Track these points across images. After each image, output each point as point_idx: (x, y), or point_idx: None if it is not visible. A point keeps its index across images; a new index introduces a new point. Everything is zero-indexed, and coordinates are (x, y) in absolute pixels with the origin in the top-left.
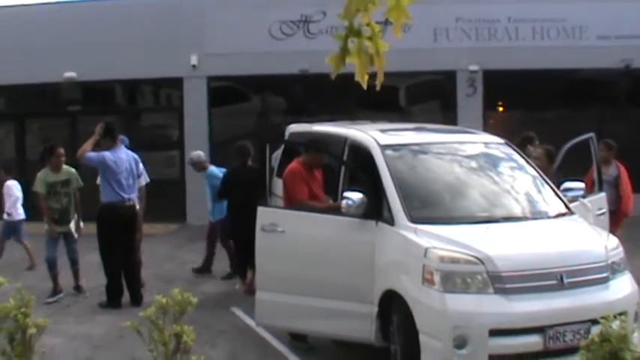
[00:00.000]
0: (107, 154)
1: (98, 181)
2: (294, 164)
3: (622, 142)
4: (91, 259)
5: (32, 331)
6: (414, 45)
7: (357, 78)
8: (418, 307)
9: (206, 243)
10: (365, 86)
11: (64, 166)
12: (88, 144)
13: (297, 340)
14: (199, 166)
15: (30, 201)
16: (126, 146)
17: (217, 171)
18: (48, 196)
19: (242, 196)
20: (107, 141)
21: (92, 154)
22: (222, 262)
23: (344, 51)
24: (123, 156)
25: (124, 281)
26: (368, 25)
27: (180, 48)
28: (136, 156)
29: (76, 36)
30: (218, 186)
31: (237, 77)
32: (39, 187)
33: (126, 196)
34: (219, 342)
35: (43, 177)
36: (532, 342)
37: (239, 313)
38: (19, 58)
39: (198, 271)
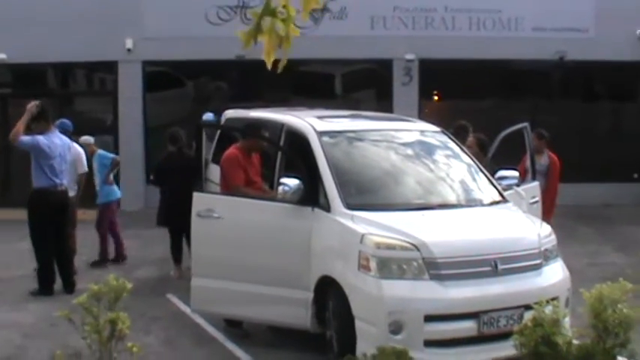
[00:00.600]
0: (41, 138)
1: None
2: (231, 149)
3: (555, 132)
4: (22, 246)
5: None
6: (351, 33)
7: (264, 57)
8: (354, 293)
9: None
10: (269, 66)
11: None
12: (21, 125)
13: (232, 326)
14: (89, 150)
15: None
16: (66, 131)
17: (105, 153)
18: None
19: (176, 183)
20: (41, 124)
21: (26, 138)
22: (155, 246)
23: (257, 28)
24: (57, 141)
25: (56, 268)
26: (284, 7)
27: (115, 31)
28: (69, 142)
29: (5, 16)
30: (107, 167)
31: (173, 62)
32: None
33: (58, 181)
34: (154, 329)
35: None
36: (467, 327)
37: (174, 299)
38: None
39: (96, 264)
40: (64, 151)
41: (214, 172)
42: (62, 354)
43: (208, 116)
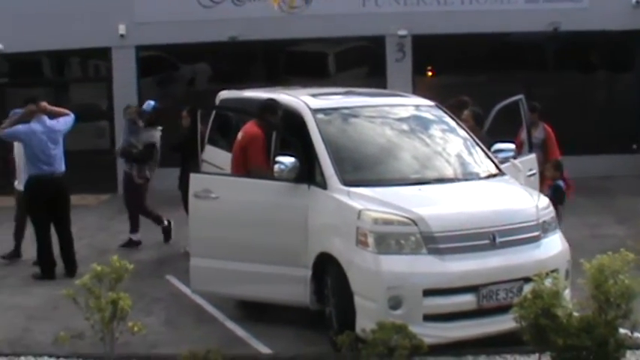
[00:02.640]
0: (20, 127)
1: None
2: (253, 128)
3: (551, 104)
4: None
5: None
6: (342, 10)
7: None
8: (352, 269)
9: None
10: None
11: None
12: (8, 123)
13: (247, 307)
14: None
15: None
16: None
17: None
18: None
19: None
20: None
21: (19, 127)
22: (153, 229)
23: None
24: (38, 127)
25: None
26: None
27: (108, 18)
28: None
29: (0, 7)
30: None
31: (167, 46)
32: None
33: (47, 168)
34: (155, 309)
35: None
36: (466, 301)
37: (174, 280)
38: None
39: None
40: (56, 136)
41: (210, 152)
42: (66, 335)
43: (149, 104)
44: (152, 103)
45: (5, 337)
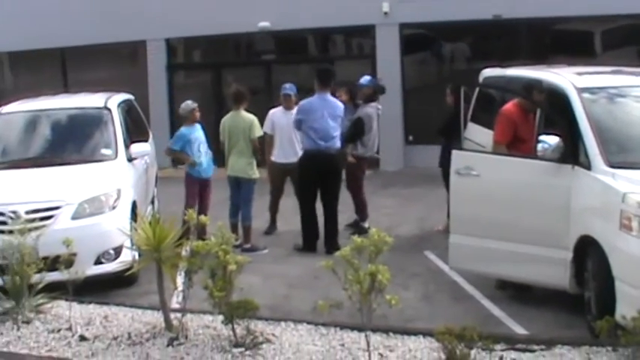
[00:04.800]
0: (314, 99)
1: None
2: (509, 105)
3: None
4: (286, 203)
5: (232, 267)
6: None
7: None
8: (615, 253)
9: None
10: None
11: None
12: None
13: (502, 288)
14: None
15: None
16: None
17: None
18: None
19: None
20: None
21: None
22: (414, 205)
23: None
24: (327, 101)
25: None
26: None
27: None
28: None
29: None
30: None
31: (429, 24)
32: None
33: (324, 143)
34: (412, 284)
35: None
36: None
37: (432, 256)
38: (215, 9)
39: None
40: (333, 112)
41: (472, 130)
42: (325, 304)
43: (366, 79)
44: (368, 77)
45: (267, 303)
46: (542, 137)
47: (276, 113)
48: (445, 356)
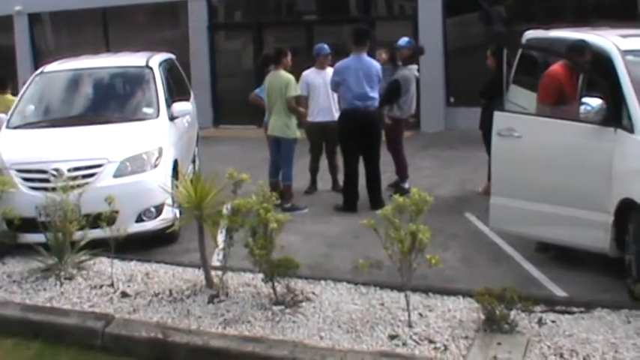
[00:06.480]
0: (349, 60)
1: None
2: (556, 66)
3: None
4: (326, 164)
5: (273, 225)
6: None
7: None
8: None
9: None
10: None
11: None
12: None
13: (542, 251)
14: None
15: None
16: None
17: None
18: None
19: None
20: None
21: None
22: (454, 167)
23: None
24: (363, 62)
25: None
26: None
27: None
28: (374, 63)
29: None
30: None
31: None
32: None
33: (361, 103)
34: (452, 245)
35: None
36: None
37: (472, 218)
38: None
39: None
40: (370, 71)
41: (514, 92)
42: (365, 263)
43: (404, 40)
44: (407, 39)
45: (307, 262)
46: (585, 99)
47: (309, 74)
48: (484, 317)
